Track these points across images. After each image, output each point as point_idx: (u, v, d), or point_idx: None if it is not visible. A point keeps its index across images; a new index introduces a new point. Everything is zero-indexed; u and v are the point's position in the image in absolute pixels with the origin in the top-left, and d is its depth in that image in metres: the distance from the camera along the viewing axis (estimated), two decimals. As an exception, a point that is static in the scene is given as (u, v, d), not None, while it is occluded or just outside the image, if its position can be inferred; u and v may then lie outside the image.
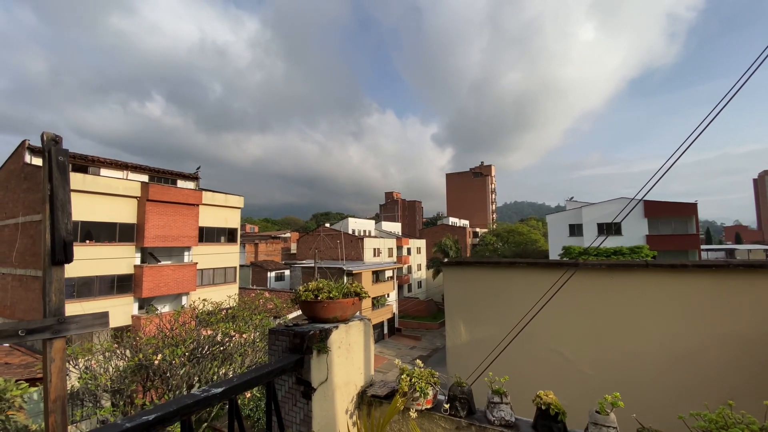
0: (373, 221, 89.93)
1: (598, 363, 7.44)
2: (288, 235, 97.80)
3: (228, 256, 35.03)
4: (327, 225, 78.34)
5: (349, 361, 5.76)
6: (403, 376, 5.59)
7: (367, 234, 78.92)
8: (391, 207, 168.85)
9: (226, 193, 35.35)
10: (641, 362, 7.15)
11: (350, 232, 74.81)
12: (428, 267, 79.17)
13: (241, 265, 51.03)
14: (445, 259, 8.80)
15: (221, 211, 34.77)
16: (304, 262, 61.91)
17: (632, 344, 7.24)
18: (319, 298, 5.81)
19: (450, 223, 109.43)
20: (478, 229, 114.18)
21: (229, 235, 35.59)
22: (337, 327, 5.69)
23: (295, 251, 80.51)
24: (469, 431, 5.15)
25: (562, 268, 7.94)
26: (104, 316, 5.36)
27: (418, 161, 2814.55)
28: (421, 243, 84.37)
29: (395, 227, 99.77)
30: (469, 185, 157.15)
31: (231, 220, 35.43)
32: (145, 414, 4.21)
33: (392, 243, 72.59)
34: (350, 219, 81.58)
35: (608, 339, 7.42)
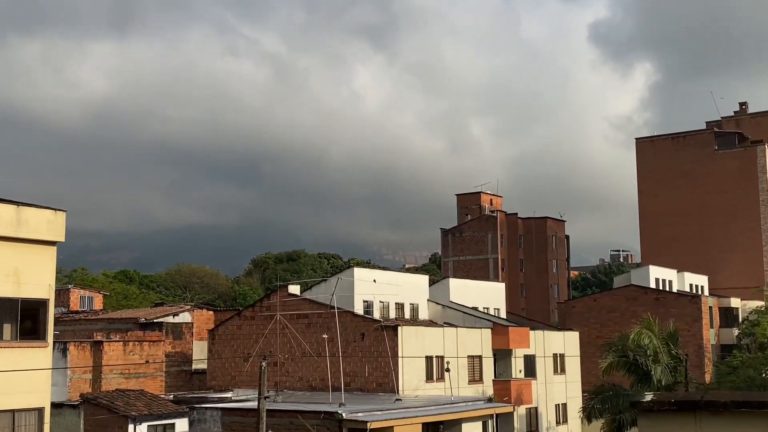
0: (424, 278, 43.69)
1: None
2: (185, 317, 43.65)
3: (22, 378, 19.69)
4: (292, 290, 38.04)
5: None
6: None
7: (408, 314, 39.22)
8: (475, 236, 75.66)
9: (17, 203, 20.60)
10: None
11: (360, 309, 36.22)
12: (589, 415, 36.31)
13: (58, 405, 27.45)
14: (647, 396, 1.56)
15: (4, 250, 20.00)
16: (227, 394, 34.09)
17: None
18: None
19: (652, 283, 53.94)
20: (736, 301, 56.60)
21: (26, 317, 20.84)
22: None
23: (204, 363, 39.84)
24: None
25: None
26: None
27: (550, 103, 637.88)
28: (566, 340, 43.79)
29: (488, 294, 46.28)
30: (706, 173, 66.98)
31: (31, 275, 20.63)
32: None
33: (478, 340, 36.79)
34: (358, 271, 39.44)
35: None
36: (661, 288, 54.22)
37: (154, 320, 43.26)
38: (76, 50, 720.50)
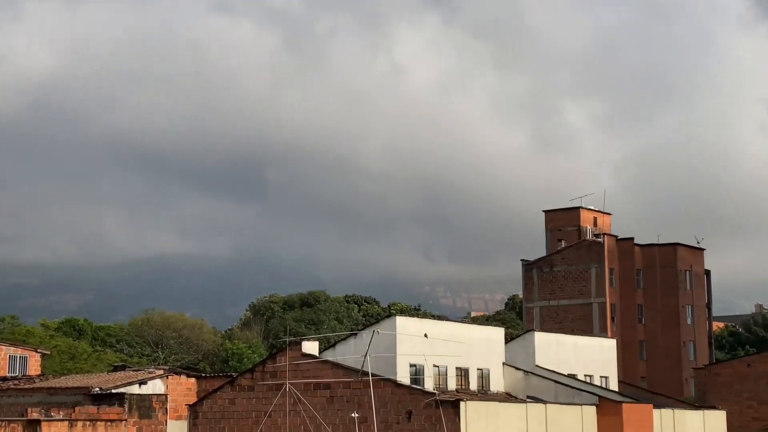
0: (498, 331, 36.79)
1: None
2: (156, 386, 37.00)
3: None
4: (308, 348, 31.04)
5: None
6: None
7: (475, 384, 33.22)
8: (573, 271, 63.26)
9: None
10: None
11: (405, 377, 29.86)
12: None
13: None
14: None
15: None
16: None
17: None
18: None
19: None
20: None
21: None
22: None
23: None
24: None
25: None
26: None
27: (681, 80, 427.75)
28: (707, 421, 36.06)
29: (592, 355, 39.57)
30: None
31: None
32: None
33: (578, 422, 29.96)
34: (402, 322, 31.61)
35: None
36: None
37: (113, 390, 36.43)
38: (5, 11, 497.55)
